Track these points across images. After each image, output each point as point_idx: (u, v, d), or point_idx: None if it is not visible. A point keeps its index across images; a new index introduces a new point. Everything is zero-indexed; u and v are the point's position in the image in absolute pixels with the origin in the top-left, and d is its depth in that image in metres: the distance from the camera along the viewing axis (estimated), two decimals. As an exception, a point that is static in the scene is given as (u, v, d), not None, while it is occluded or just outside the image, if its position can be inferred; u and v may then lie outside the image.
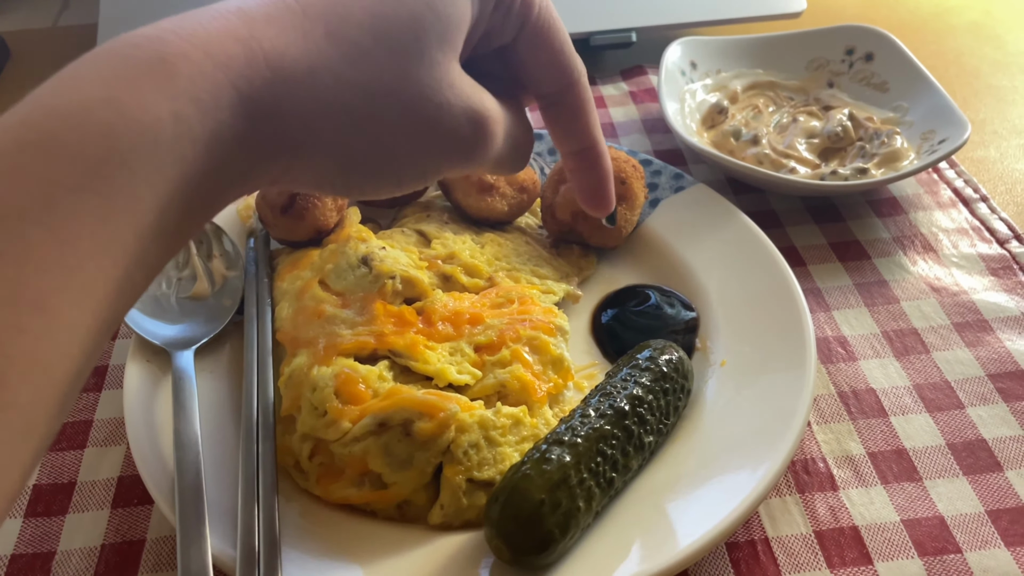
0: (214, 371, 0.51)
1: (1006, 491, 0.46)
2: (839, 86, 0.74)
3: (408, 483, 0.44)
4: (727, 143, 0.68)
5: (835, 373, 0.53)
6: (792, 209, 0.65)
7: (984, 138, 0.73)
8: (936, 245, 0.62)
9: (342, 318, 0.49)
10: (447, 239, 0.57)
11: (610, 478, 0.43)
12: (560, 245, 0.61)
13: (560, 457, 0.41)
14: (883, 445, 0.49)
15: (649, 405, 0.45)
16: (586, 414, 0.44)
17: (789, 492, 0.47)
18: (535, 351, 0.50)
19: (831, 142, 0.68)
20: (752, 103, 0.73)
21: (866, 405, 0.51)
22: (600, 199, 0.42)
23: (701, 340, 0.53)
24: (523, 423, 0.46)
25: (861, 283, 0.59)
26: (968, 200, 0.65)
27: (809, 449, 0.49)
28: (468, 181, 0.59)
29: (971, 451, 0.48)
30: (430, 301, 0.51)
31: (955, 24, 0.90)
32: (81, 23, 0.93)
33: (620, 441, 0.43)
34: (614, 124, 0.76)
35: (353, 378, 0.45)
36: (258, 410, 0.47)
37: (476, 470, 0.44)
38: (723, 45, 0.75)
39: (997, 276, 0.59)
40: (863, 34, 0.74)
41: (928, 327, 0.56)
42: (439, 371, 0.47)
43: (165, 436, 0.46)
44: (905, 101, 0.70)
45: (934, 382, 0.52)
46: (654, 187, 0.63)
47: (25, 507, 0.48)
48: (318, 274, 0.53)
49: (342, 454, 0.44)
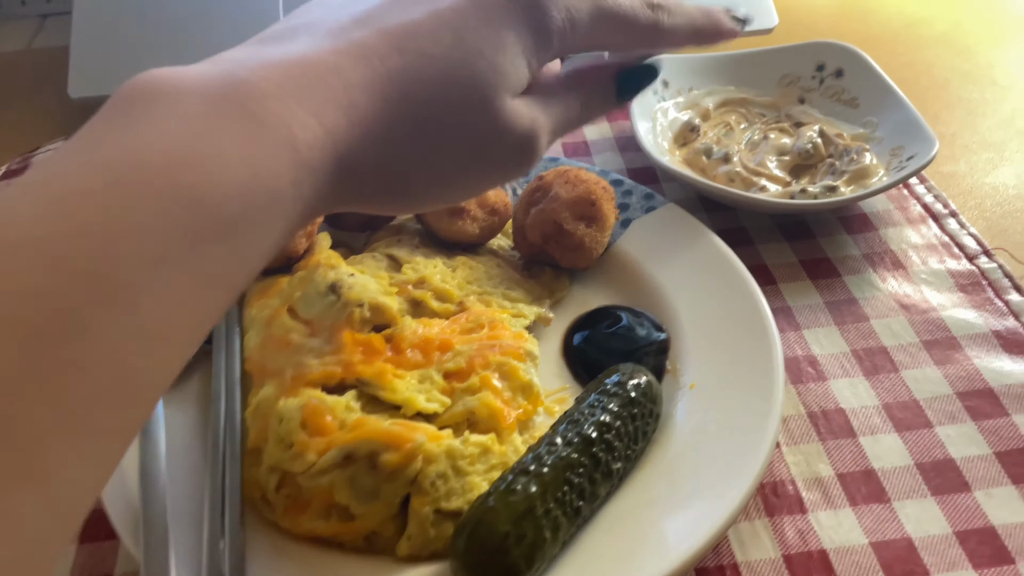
0: (182, 401, 0.51)
1: (974, 511, 0.46)
2: (810, 102, 0.75)
3: (375, 515, 0.43)
4: (699, 161, 0.69)
5: (805, 393, 0.53)
6: (763, 227, 0.66)
7: (954, 152, 0.74)
8: (906, 262, 0.62)
9: (309, 347, 0.49)
10: (418, 263, 0.57)
11: (577, 507, 0.43)
12: (532, 267, 0.61)
13: (526, 487, 0.41)
14: (852, 466, 0.49)
15: (617, 431, 0.45)
16: (553, 443, 0.44)
17: (758, 515, 0.47)
18: (504, 377, 0.50)
19: (802, 159, 0.68)
20: (724, 120, 0.74)
21: (835, 425, 0.51)
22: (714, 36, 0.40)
23: (671, 362, 0.54)
24: (492, 451, 0.46)
25: (831, 301, 0.59)
26: (938, 216, 0.66)
27: (779, 471, 0.49)
28: (438, 205, 0.58)
29: (939, 471, 0.48)
30: (399, 328, 0.51)
31: (926, 35, 0.90)
32: (55, 45, 0.92)
33: (587, 469, 0.43)
34: (587, 142, 0.76)
35: (320, 409, 0.45)
36: (225, 442, 0.47)
37: (443, 500, 0.43)
38: (695, 63, 0.76)
39: (966, 292, 0.59)
40: (833, 50, 0.75)
41: (897, 345, 0.56)
42: (407, 400, 0.47)
43: (132, 469, 0.46)
44: (875, 117, 0.70)
45: (903, 401, 0.52)
46: (625, 207, 0.63)
47: (-9, 543, 0.47)
48: (287, 302, 0.53)
49: (308, 486, 0.44)
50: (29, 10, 0.99)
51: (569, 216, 0.57)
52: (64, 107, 0.81)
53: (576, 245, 0.57)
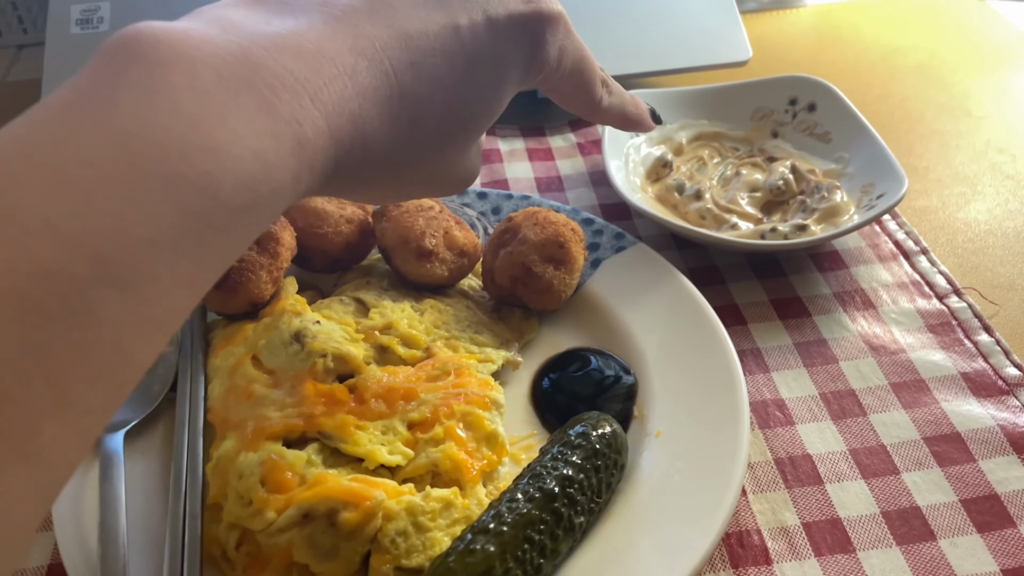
0: (146, 452, 0.51)
1: (939, 562, 0.46)
2: (783, 136, 0.75)
3: (335, 573, 0.43)
4: (671, 197, 0.69)
5: (772, 438, 0.53)
6: (734, 264, 0.66)
7: (927, 186, 0.74)
8: (876, 301, 0.62)
9: (271, 399, 0.49)
10: (385, 308, 0.56)
11: (538, 564, 0.42)
12: (502, 308, 0.61)
13: (484, 548, 0.41)
14: (818, 515, 0.49)
15: (580, 484, 0.45)
16: (514, 498, 0.44)
17: (723, 567, 0.47)
18: (469, 427, 0.49)
19: (773, 195, 0.68)
20: (697, 155, 0.74)
21: (802, 472, 0.51)
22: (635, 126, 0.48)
23: (639, 407, 0.53)
24: (454, 505, 0.46)
25: (801, 342, 0.59)
26: (909, 253, 0.66)
27: (744, 521, 0.49)
28: (407, 247, 0.58)
29: (905, 520, 0.48)
30: (363, 378, 0.50)
31: (901, 67, 0.91)
32: (30, 78, 0.92)
33: (548, 525, 0.43)
34: (562, 177, 0.76)
35: (279, 465, 0.45)
36: (186, 497, 0.46)
37: (404, 558, 0.43)
38: (668, 97, 0.76)
39: (935, 333, 0.59)
40: (805, 84, 0.75)
41: (866, 388, 0.56)
42: (369, 452, 0.47)
43: (92, 524, 0.46)
44: (847, 152, 0.70)
45: (870, 446, 0.52)
46: (595, 247, 0.63)
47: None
48: (251, 350, 0.52)
49: (268, 544, 0.43)
50: (6, 40, 0.99)
51: (538, 259, 0.57)
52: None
53: (545, 288, 0.57)
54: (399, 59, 0.31)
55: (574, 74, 0.40)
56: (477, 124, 0.36)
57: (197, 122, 0.24)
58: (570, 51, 0.39)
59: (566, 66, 0.39)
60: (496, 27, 0.34)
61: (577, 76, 0.40)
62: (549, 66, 0.38)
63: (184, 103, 0.24)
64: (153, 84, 0.24)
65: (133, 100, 0.24)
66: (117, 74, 0.24)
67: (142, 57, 0.25)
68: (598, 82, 0.42)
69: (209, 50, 0.26)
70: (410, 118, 0.32)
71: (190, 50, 0.25)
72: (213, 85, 0.25)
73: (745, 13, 1.00)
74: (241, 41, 0.27)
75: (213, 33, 0.27)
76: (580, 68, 0.40)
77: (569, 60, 0.39)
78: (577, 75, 0.40)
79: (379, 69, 0.30)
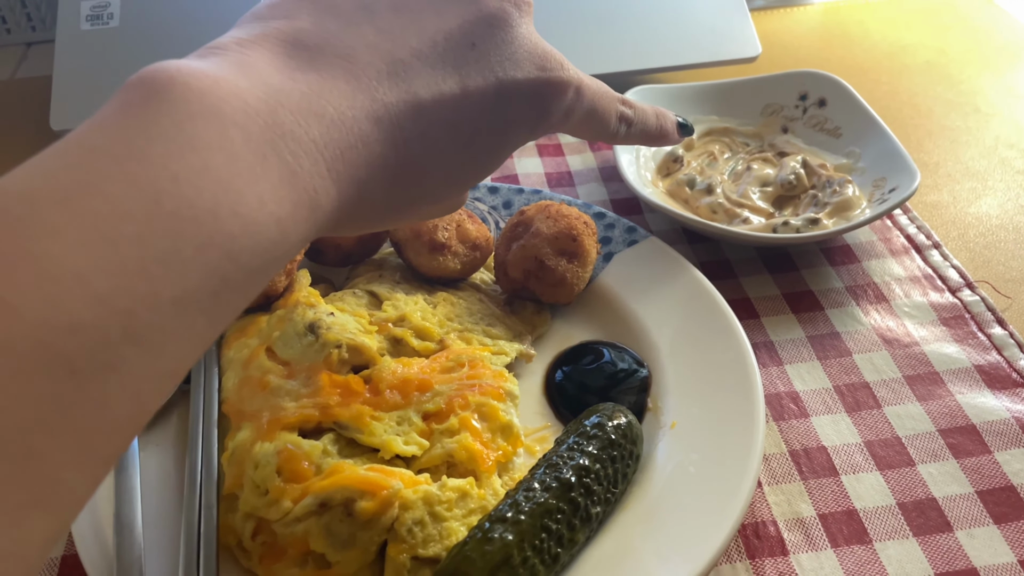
0: (160, 443, 0.51)
1: (956, 553, 0.46)
2: (793, 131, 0.75)
3: (352, 562, 0.43)
4: (682, 192, 0.69)
5: (787, 431, 0.53)
6: (746, 259, 0.66)
7: (937, 181, 0.74)
8: (889, 294, 0.62)
9: (287, 390, 0.49)
10: (398, 300, 0.56)
11: (555, 554, 0.42)
12: (514, 301, 0.61)
13: (502, 536, 0.41)
14: (834, 506, 0.49)
15: (596, 474, 0.45)
16: (531, 488, 0.44)
17: (740, 558, 0.46)
18: (484, 418, 0.49)
19: (784, 190, 0.68)
20: (708, 150, 0.74)
21: (817, 464, 0.51)
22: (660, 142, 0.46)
23: (652, 400, 0.53)
24: (470, 495, 0.45)
25: (814, 335, 0.59)
26: (921, 247, 0.66)
27: (760, 512, 0.49)
28: (419, 240, 0.58)
29: (921, 511, 0.48)
30: (378, 369, 0.50)
31: (909, 64, 0.91)
32: (39, 75, 0.92)
33: (566, 515, 0.43)
34: (572, 173, 0.76)
35: (295, 455, 0.45)
36: (201, 487, 0.46)
37: (421, 547, 0.43)
38: (678, 92, 0.76)
39: (948, 326, 0.59)
40: (815, 80, 0.75)
41: (880, 380, 0.56)
42: (385, 443, 0.47)
43: (108, 515, 0.46)
44: (857, 147, 0.70)
45: (885, 438, 0.52)
46: (608, 241, 0.63)
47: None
48: (265, 342, 0.52)
49: (284, 534, 0.43)
50: (14, 38, 0.99)
51: (550, 252, 0.57)
52: (46, 140, 0.80)
53: (557, 281, 0.57)
54: (411, 130, 0.32)
55: (584, 122, 0.40)
56: (476, 179, 0.37)
57: (227, 185, 0.25)
58: (578, 107, 0.39)
59: (575, 120, 0.39)
60: (505, 92, 0.35)
61: (588, 123, 0.40)
62: (556, 125, 0.38)
63: (215, 164, 0.25)
64: (185, 139, 0.25)
65: (165, 154, 0.24)
66: (148, 123, 0.25)
67: (172, 107, 0.25)
68: (612, 122, 0.41)
69: (239, 105, 0.26)
70: (411, 183, 0.33)
71: (219, 103, 0.26)
72: (242, 146, 0.26)
73: (753, 10, 1.00)
74: (268, 99, 0.27)
75: (242, 86, 0.27)
76: (591, 117, 0.40)
77: (578, 114, 0.39)
78: (588, 122, 0.40)
79: (391, 140, 0.31)
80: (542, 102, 0.36)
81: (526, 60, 0.35)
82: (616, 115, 0.42)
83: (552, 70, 0.36)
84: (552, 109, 0.37)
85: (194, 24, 0.82)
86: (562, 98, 0.37)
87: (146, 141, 0.24)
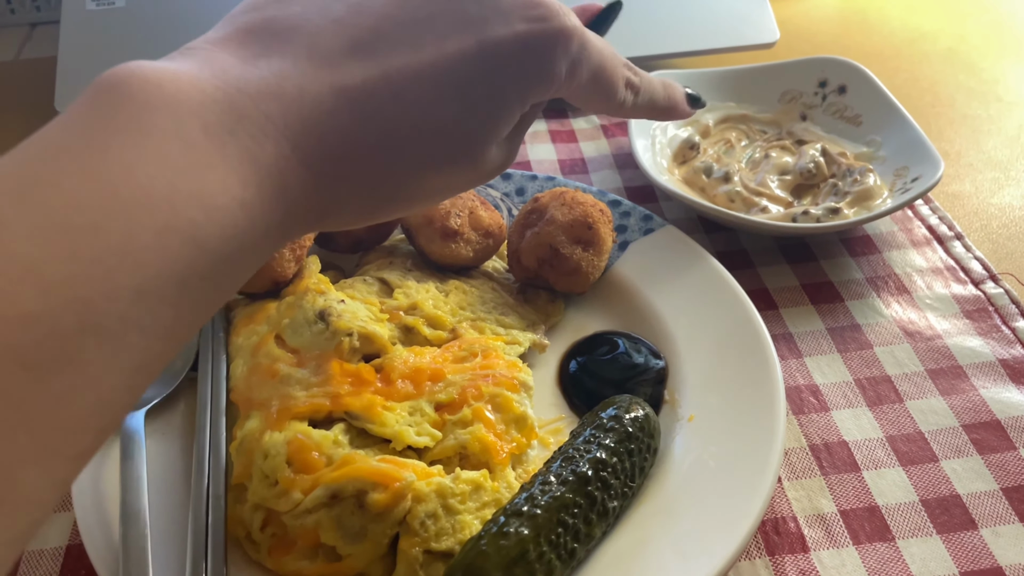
0: (166, 432, 0.50)
1: (981, 551, 0.45)
2: (812, 119, 0.73)
3: (363, 555, 0.42)
4: (698, 180, 0.67)
5: (807, 425, 0.52)
6: (764, 249, 0.64)
7: (959, 171, 0.72)
8: (910, 286, 0.61)
9: (297, 378, 0.47)
10: (409, 288, 0.55)
11: (572, 549, 0.41)
12: (527, 290, 0.59)
13: (518, 531, 0.39)
14: (855, 502, 0.47)
15: (613, 468, 0.44)
16: (547, 481, 0.43)
17: (759, 554, 0.45)
18: (497, 409, 0.48)
19: (803, 179, 0.67)
20: (724, 137, 0.72)
21: (838, 459, 0.50)
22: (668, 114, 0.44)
23: (669, 392, 0.52)
24: (484, 488, 0.44)
25: (834, 327, 0.58)
26: (943, 238, 0.64)
27: (780, 508, 0.47)
28: (431, 227, 0.57)
29: (945, 508, 0.47)
30: (389, 358, 0.49)
31: (929, 51, 0.89)
32: (44, 55, 0.91)
33: (582, 509, 0.42)
34: (585, 160, 0.74)
35: (306, 445, 0.44)
36: (209, 477, 0.45)
37: (433, 541, 0.42)
38: (695, 78, 0.74)
39: (971, 319, 0.58)
40: (836, 66, 0.73)
41: (902, 374, 0.54)
42: (397, 433, 0.46)
43: (113, 504, 0.45)
44: (878, 135, 0.69)
45: (907, 433, 0.51)
46: (623, 229, 0.62)
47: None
48: (274, 329, 0.51)
49: (294, 525, 0.42)
50: (19, 18, 0.98)
51: (565, 240, 0.56)
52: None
53: (572, 270, 0.56)
54: (384, 98, 0.30)
55: (590, 84, 0.37)
56: (479, 148, 0.34)
57: (185, 172, 0.25)
58: (585, 64, 0.36)
59: (580, 78, 0.36)
60: (488, 48, 0.32)
61: (593, 85, 0.37)
62: (558, 81, 0.35)
63: (171, 151, 0.25)
64: (141, 129, 0.24)
65: (120, 145, 0.24)
66: (106, 117, 0.25)
67: (131, 100, 0.25)
68: (619, 88, 0.39)
69: (197, 96, 0.26)
70: (395, 156, 0.31)
71: (177, 94, 0.26)
72: (199, 133, 0.25)
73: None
74: (228, 88, 0.27)
75: (203, 77, 0.27)
76: (597, 78, 0.37)
77: (584, 72, 0.36)
78: (593, 84, 0.37)
79: (362, 111, 0.30)
80: (541, 55, 0.33)
81: (514, 11, 0.33)
82: (623, 80, 0.39)
83: (547, 19, 0.33)
84: (554, 64, 0.34)
85: (199, 4, 0.80)
86: (565, 47, 0.34)
87: (103, 134, 0.24)
